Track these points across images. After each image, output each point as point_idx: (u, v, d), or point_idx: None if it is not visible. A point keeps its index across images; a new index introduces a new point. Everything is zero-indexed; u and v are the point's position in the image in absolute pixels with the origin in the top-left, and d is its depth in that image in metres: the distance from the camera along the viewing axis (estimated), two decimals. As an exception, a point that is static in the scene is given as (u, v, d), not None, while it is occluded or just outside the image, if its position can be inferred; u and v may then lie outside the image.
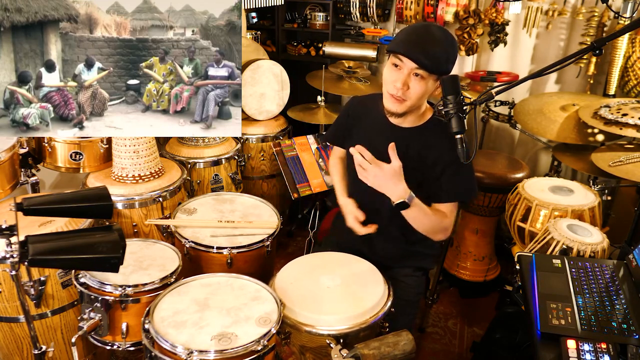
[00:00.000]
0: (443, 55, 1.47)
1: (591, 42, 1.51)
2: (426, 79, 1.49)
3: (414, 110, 1.60)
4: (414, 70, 1.47)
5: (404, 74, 1.49)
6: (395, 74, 1.51)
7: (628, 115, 2.15)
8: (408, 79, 1.49)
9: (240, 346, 1.31)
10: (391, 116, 1.62)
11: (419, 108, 1.62)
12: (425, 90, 1.51)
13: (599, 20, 2.77)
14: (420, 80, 1.49)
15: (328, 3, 3.33)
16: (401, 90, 1.50)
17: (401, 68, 1.49)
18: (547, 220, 1.91)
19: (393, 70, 1.52)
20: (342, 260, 1.73)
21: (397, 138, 1.66)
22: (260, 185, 2.97)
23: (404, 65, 1.48)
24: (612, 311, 1.30)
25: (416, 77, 1.49)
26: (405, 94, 1.51)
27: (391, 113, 1.59)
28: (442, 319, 2.59)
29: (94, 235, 1.21)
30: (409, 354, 1.32)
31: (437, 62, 1.46)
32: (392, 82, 1.51)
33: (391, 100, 1.55)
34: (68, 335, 1.86)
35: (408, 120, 1.65)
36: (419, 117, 1.65)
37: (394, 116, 1.60)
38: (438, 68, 1.47)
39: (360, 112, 1.78)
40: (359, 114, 1.79)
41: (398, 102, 1.54)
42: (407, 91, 1.51)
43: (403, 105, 1.55)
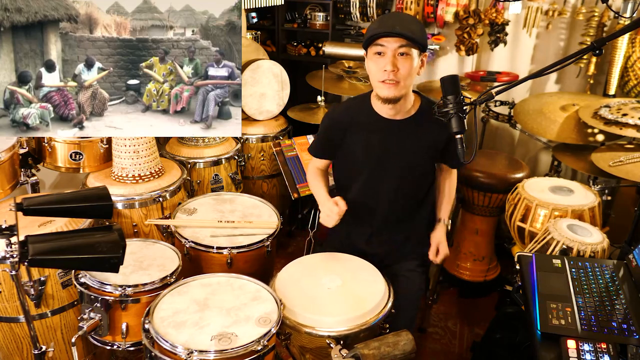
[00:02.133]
0: (418, 28, 1.53)
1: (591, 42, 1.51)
2: (411, 56, 1.53)
3: (406, 96, 1.62)
4: (398, 50, 1.51)
5: (390, 57, 1.52)
6: (381, 61, 1.54)
7: (628, 115, 2.15)
8: (395, 60, 1.53)
9: (240, 346, 1.31)
10: (387, 104, 1.62)
11: (408, 96, 1.64)
12: (412, 68, 1.55)
13: (599, 20, 2.77)
14: (407, 58, 1.53)
15: (328, 3, 3.33)
16: (392, 73, 1.53)
17: (384, 53, 1.53)
18: (547, 220, 1.91)
19: (377, 59, 1.55)
20: (343, 260, 1.73)
21: (392, 131, 1.68)
22: (260, 185, 2.97)
23: (386, 49, 1.52)
24: (612, 311, 1.30)
25: (402, 57, 1.53)
26: (396, 75, 1.54)
27: (389, 100, 1.60)
28: (442, 319, 2.58)
29: (94, 235, 1.21)
30: (409, 354, 1.32)
31: (416, 34, 1.51)
32: (381, 69, 1.54)
33: (385, 87, 1.56)
34: (68, 335, 1.86)
35: (400, 111, 1.66)
36: (409, 108, 1.68)
37: (391, 103, 1.61)
38: (419, 39, 1.52)
39: (350, 118, 1.75)
40: (348, 119, 1.75)
41: (392, 85, 1.55)
42: (397, 72, 1.54)
43: (398, 88, 1.56)
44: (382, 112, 1.68)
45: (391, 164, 1.71)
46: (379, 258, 1.75)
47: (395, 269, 1.76)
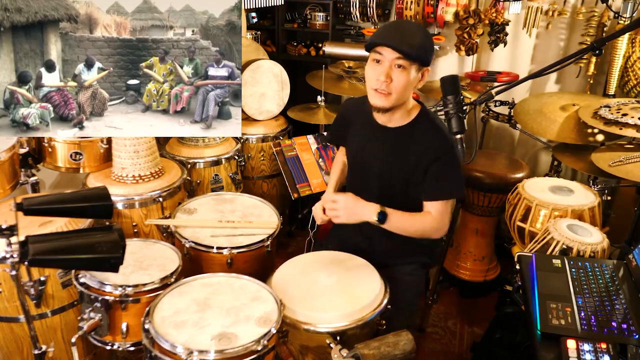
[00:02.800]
0: (420, 43, 1.50)
1: (591, 42, 1.51)
2: (408, 70, 1.50)
3: (400, 106, 1.60)
4: (395, 61, 1.49)
5: (386, 67, 1.51)
6: (378, 69, 1.53)
7: (628, 115, 2.15)
8: (390, 71, 1.51)
9: (240, 346, 1.31)
10: (378, 113, 1.61)
11: (405, 104, 1.62)
12: (408, 82, 1.52)
13: (599, 20, 2.77)
14: (403, 71, 1.50)
15: (328, 3, 3.33)
16: (385, 83, 1.51)
17: (382, 62, 1.51)
18: (547, 220, 1.91)
19: (375, 66, 1.54)
20: (338, 258, 1.74)
21: (384, 139, 1.67)
22: (260, 185, 2.97)
23: (384, 58, 1.50)
24: (612, 311, 1.30)
25: (398, 69, 1.51)
26: (389, 86, 1.52)
27: (378, 109, 1.59)
28: (442, 319, 2.58)
29: (94, 235, 1.21)
30: (409, 353, 1.32)
31: (417, 50, 1.48)
32: (376, 77, 1.53)
33: (376, 95, 1.56)
34: (68, 335, 1.85)
35: (395, 119, 1.65)
36: (406, 116, 1.65)
37: (381, 112, 1.60)
38: (418, 55, 1.49)
39: (352, 116, 1.80)
40: (351, 117, 1.81)
41: (383, 96, 1.54)
42: (390, 84, 1.52)
43: (389, 99, 1.55)
44: (377, 117, 1.67)
45: (374, 171, 1.70)
46: (378, 259, 1.75)
47: (393, 269, 1.76)
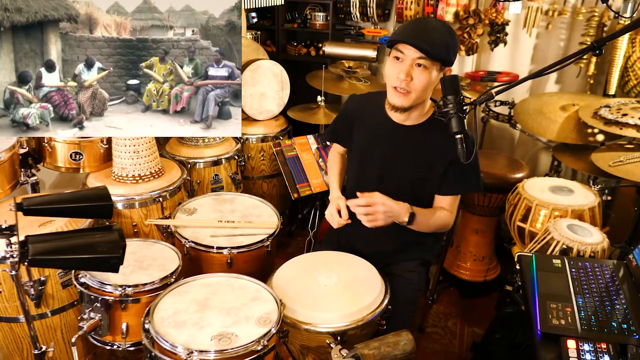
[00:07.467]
0: (444, 42, 1.47)
1: (591, 42, 1.51)
2: (429, 69, 1.48)
3: (418, 105, 1.59)
4: (417, 60, 1.47)
5: (407, 65, 1.48)
6: (398, 67, 1.50)
7: (628, 115, 2.15)
8: (411, 70, 1.48)
9: (240, 346, 1.31)
10: (396, 111, 1.60)
11: (424, 104, 1.61)
12: (429, 81, 1.50)
13: (599, 20, 2.77)
14: (424, 70, 1.48)
15: (328, 3, 3.33)
16: (405, 82, 1.49)
17: (403, 60, 1.49)
18: (547, 220, 1.91)
19: (395, 64, 1.51)
20: (339, 258, 1.73)
21: (399, 136, 1.66)
22: (260, 185, 2.97)
23: (405, 56, 1.48)
24: (612, 311, 1.30)
25: (419, 68, 1.48)
26: (409, 85, 1.50)
27: (396, 108, 1.57)
28: (442, 319, 2.58)
29: (94, 235, 1.21)
30: (409, 353, 1.31)
31: (439, 49, 1.46)
32: (396, 75, 1.50)
33: (395, 94, 1.54)
34: (68, 335, 1.86)
35: (411, 117, 1.64)
36: (422, 115, 1.64)
37: (399, 111, 1.58)
38: (440, 55, 1.46)
39: (360, 112, 1.77)
40: (358, 113, 1.77)
41: (403, 95, 1.53)
42: (410, 82, 1.50)
43: (408, 98, 1.53)
44: (392, 114, 1.66)
45: (390, 169, 1.69)
46: (378, 258, 1.75)
47: (394, 268, 1.76)
